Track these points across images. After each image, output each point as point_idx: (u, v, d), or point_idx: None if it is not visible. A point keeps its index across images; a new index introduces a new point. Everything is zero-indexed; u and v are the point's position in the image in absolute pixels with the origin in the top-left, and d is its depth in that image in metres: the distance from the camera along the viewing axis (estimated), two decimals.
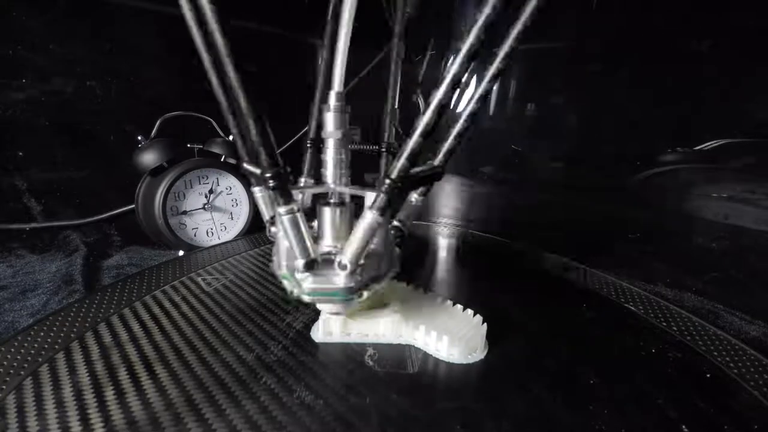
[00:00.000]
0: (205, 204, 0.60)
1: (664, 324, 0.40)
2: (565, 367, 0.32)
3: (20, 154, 0.57)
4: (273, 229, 0.31)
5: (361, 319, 0.35)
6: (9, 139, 0.56)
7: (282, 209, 0.25)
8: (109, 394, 0.27)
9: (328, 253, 0.28)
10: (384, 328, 0.34)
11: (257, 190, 0.33)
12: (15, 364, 0.29)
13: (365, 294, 0.28)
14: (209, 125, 0.63)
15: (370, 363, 0.31)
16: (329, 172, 0.31)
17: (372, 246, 0.27)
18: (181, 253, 0.57)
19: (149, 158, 0.56)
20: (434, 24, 0.84)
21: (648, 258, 0.59)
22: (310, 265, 0.26)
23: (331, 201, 0.31)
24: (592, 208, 0.68)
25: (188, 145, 0.60)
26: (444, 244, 0.62)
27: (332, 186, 0.31)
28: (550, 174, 0.75)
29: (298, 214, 0.25)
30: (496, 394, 0.29)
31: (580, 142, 0.70)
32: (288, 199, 0.25)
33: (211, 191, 0.61)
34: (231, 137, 0.64)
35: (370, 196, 0.26)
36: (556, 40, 0.70)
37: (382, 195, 0.25)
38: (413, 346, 0.33)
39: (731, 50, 0.52)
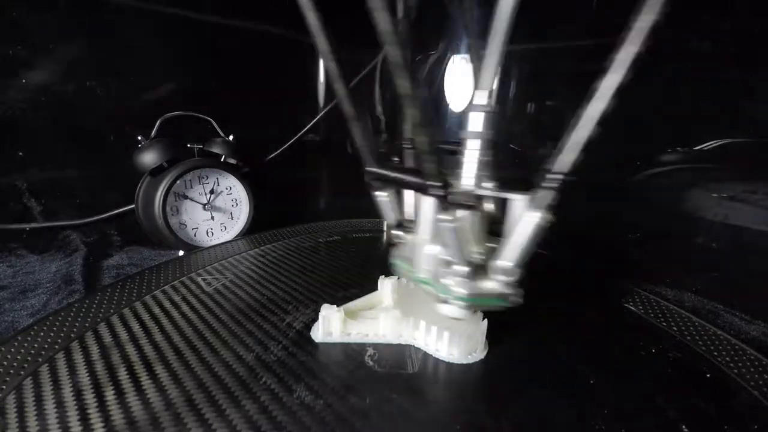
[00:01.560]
0: (205, 204, 0.60)
1: (664, 324, 0.40)
2: (565, 367, 0.32)
3: (20, 154, 0.57)
4: (398, 232, 0.32)
5: (361, 319, 0.35)
6: (9, 139, 0.56)
7: (445, 216, 0.24)
8: (109, 394, 0.27)
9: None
10: (384, 328, 0.34)
11: (383, 195, 0.32)
12: (15, 364, 0.29)
13: (518, 299, 0.27)
14: (209, 125, 0.63)
15: (370, 363, 0.31)
16: (468, 173, 0.30)
17: None
18: (181, 253, 0.57)
19: (149, 158, 0.56)
20: (437, 25, 0.84)
21: (648, 258, 0.59)
22: (472, 272, 0.26)
23: (469, 203, 0.29)
24: (592, 208, 0.68)
25: (188, 145, 0.60)
26: None
27: (471, 188, 0.30)
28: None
29: (461, 223, 0.25)
30: (496, 394, 0.29)
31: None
32: (450, 206, 0.24)
33: (211, 191, 0.61)
34: (231, 137, 0.64)
35: (517, 199, 0.26)
36: (555, 40, 0.70)
37: (546, 191, 0.23)
38: (413, 346, 0.33)
39: (731, 50, 0.52)
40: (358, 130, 0.28)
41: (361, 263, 0.51)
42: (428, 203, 0.27)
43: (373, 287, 0.39)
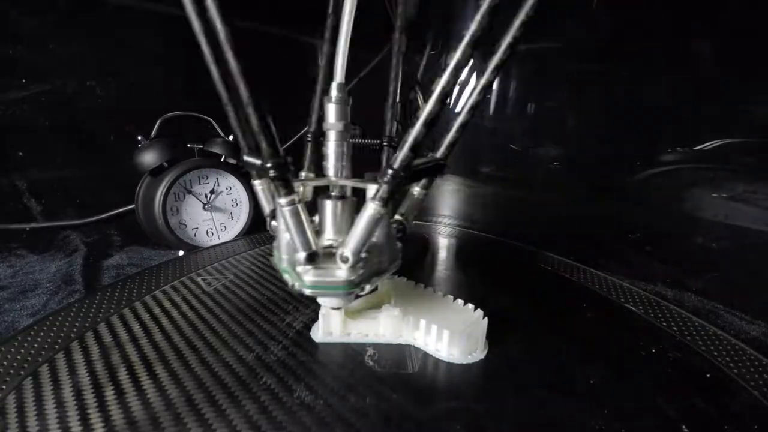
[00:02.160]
0: (205, 204, 0.60)
1: (664, 324, 0.40)
2: (565, 367, 0.32)
3: (20, 154, 0.57)
4: (273, 223, 0.31)
5: (361, 319, 0.35)
6: (9, 139, 0.56)
7: (283, 200, 0.25)
8: (109, 394, 0.27)
9: (330, 246, 0.28)
10: (384, 328, 0.34)
11: (257, 183, 0.33)
12: (15, 364, 0.29)
13: (367, 288, 0.28)
14: (209, 125, 0.63)
15: (370, 363, 0.31)
16: (331, 164, 0.30)
17: (374, 239, 0.27)
18: (181, 253, 0.57)
19: (149, 158, 0.56)
20: (433, 23, 0.84)
21: (648, 258, 0.59)
22: (312, 258, 0.26)
23: (333, 194, 0.30)
24: (592, 208, 0.68)
25: (188, 145, 0.60)
26: (444, 244, 0.62)
27: (334, 179, 0.30)
28: (549, 174, 0.75)
29: (299, 206, 0.25)
30: (496, 394, 0.29)
31: (579, 142, 0.70)
32: (289, 189, 0.24)
33: (212, 191, 0.61)
34: (231, 137, 0.64)
35: (372, 189, 0.25)
36: (555, 40, 0.70)
37: (384, 185, 0.24)
38: (413, 346, 0.33)
39: (731, 50, 0.52)
40: (233, 117, 0.28)
41: None
42: (267, 189, 0.28)
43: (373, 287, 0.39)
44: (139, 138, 0.57)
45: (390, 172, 0.24)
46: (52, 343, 0.32)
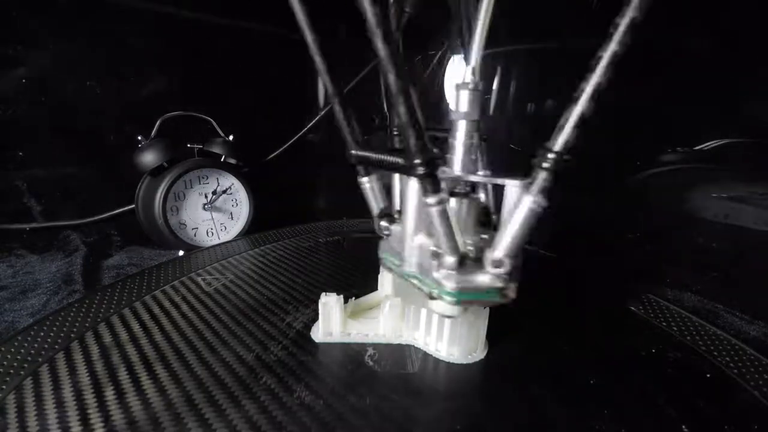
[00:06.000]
0: (205, 204, 0.60)
1: (664, 324, 0.40)
2: (565, 367, 0.32)
3: (20, 154, 0.57)
4: (383, 223, 0.29)
5: (361, 319, 0.35)
6: (9, 139, 0.56)
7: (432, 199, 0.22)
8: (109, 394, 0.27)
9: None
10: (384, 328, 0.34)
11: (365, 181, 0.30)
12: (15, 364, 0.29)
13: (511, 294, 0.25)
14: (209, 125, 0.63)
15: (370, 363, 0.31)
16: (457, 158, 0.28)
17: None
18: (181, 253, 0.57)
19: (149, 158, 0.56)
20: (438, 23, 0.84)
21: (648, 258, 0.59)
22: (462, 263, 0.24)
23: (457, 191, 0.27)
24: (592, 208, 0.68)
25: (188, 145, 0.60)
26: None
27: (460, 174, 0.28)
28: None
29: (447, 205, 0.23)
30: (496, 394, 0.29)
31: (579, 142, 0.70)
32: (437, 187, 0.22)
33: (212, 192, 0.61)
34: (231, 137, 0.64)
35: (512, 185, 0.23)
36: (554, 40, 0.70)
37: (544, 173, 0.21)
38: (413, 346, 0.33)
39: (731, 50, 0.52)
40: (339, 111, 0.26)
41: (361, 263, 0.51)
42: (412, 186, 0.25)
43: (374, 287, 0.39)
44: (139, 138, 0.57)
45: (551, 156, 0.20)
46: (52, 343, 0.32)
